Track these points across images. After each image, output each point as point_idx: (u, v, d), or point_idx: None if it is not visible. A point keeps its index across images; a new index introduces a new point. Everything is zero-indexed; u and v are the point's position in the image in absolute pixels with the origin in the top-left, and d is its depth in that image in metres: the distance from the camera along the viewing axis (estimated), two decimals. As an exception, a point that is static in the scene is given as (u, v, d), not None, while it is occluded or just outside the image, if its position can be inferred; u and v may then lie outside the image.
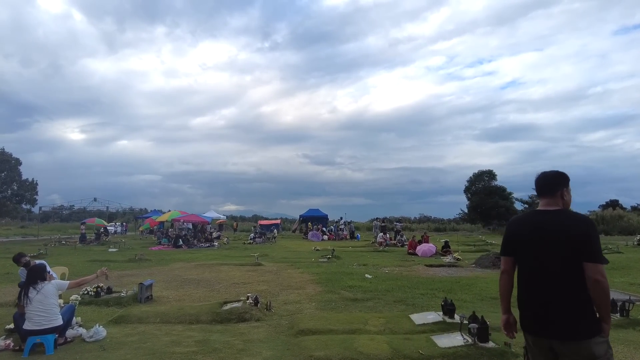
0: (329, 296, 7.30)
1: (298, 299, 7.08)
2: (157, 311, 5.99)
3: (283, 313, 6.10)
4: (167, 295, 7.80)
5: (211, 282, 9.26)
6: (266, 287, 8.30)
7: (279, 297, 7.38)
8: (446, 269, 12.09)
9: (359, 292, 7.66)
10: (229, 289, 8.32)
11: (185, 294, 7.81)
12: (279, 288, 8.28)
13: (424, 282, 8.80)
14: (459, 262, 13.79)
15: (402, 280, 9.13)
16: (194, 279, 9.81)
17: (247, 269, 11.92)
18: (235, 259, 15.28)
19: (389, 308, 6.35)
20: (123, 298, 6.96)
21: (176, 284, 9.09)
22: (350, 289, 8.00)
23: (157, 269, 12.30)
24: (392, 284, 8.65)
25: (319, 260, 14.74)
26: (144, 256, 15.35)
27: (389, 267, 12.29)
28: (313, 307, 6.49)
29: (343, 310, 6.28)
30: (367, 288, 8.09)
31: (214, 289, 8.36)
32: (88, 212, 53.33)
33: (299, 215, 38.33)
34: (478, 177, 50.87)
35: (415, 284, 8.61)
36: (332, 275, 10.13)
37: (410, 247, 17.33)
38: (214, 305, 6.16)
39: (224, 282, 9.20)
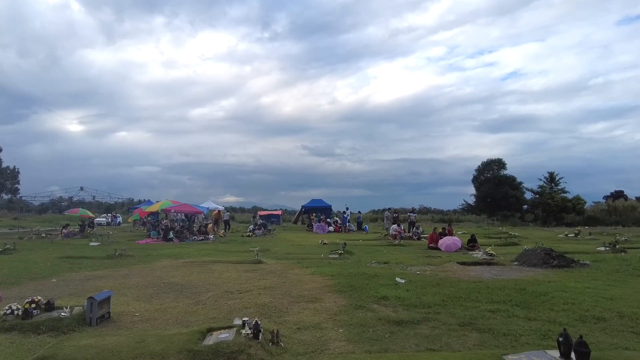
0: (360, 315, 5.15)
1: (317, 321, 4.93)
2: (103, 347, 3.84)
3: (298, 350, 3.95)
4: (134, 310, 5.65)
5: (198, 289, 7.12)
6: (270, 299, 6.15)
7: (289, 316, 5.23)
8: (486, 268, 9.96)
9: (399, 308, 5.51)
10: (219, 301, 6.16)
11: (159, 310, 5.66)
12: (287, 300, 6.13)
13: (478, 290, 6.66)
14: (494, 258, 11.67)
15: (447, 287, 6.99)
16: (177, 284, 7.67)
17: (245, 269, 9.79)
18: (231, 255, 13.15)
19: (457, 339, 4.19)
20: (64, 320, 4.80)
21: (152, 292, 6.95)
22: (385, 302, 5.85)
23: (137, 268, 10.17)
24: (437, 292, 6.51)
25: (329, 256, 12.62)
26: (126, 252, 13.20)
27: (417, 266, 10.16)
28: (342, 337, 4.33)
29: (390, 343, 4.12)
30: (408, 300, 5.94)
31: (199, 300, 6.20)
32: (87, 203, 51.26)
33: (301, 206, 36.16)
34: (487, 166, 48.78)
35: (469, 292, 6.47)
36: (352, 278, 7.99)
37: (432, 240, 15.22)
38: (191, 338, 4.00)
39: (215, 289, 7.06)
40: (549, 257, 9.83)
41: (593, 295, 6.12)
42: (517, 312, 5.16)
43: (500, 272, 9.07)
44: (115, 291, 7.04)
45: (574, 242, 17.03)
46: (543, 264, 9.63)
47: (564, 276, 8.07)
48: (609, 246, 13.72)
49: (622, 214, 39.54)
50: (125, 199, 44.50)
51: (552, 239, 19.43)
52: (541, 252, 10.16)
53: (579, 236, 20.06)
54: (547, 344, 3.92)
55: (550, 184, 45.16)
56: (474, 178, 48.95)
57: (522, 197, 45.01)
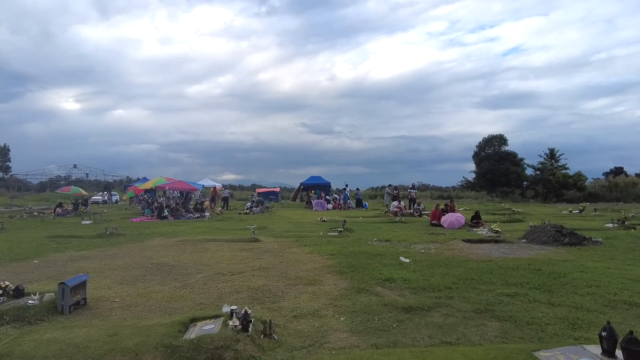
0: (363, 300, 4.65)
1: (315, 307, 4.42)
2: (69, 341, 3.32)
3: (294, 344, 3.44)
4: (115, 295, 5.14)
5: (187, 271, 6.61)
6: (264, 282, 5.64)
7: (285, 301, 4.72)
8: (493, 246, 9.49)
9: (406, 292, 5.01)
10: (209, 284, 5.65)
11: (142, 294, 5.15)
12: (283, 282, 5.62)
13: (490, 271, 6.16)
14: (500, 236, 11.21)
15: (455, 267, 6.50)
16: (166, 265, 7.17)
17: (240, 248, 9.30)
18: (227, 233, 12.67)
19: (475, 329, 3.69)
20: (31, 308, 4.28)
21: (138, 274, 6.44)
22: (390, 285, 5.35)
23: (126, 247, 9.67)
24: (446, 273, 6.01)
25: (328, 233, 12.16)
26: (116, 230, 12.71)
27: (420, 244, 9.69)
28: (344, 327, 3.83)
29: (399, 334, 3.61)
30: (415, 282, 5.44)
31: (187, 284, 5.69)
32: (85, 181, 50.52)
33: (300, 183, 35.61)
34: (488, 143, 47.98)
35: (481, 273, 5.97)
36: (353, 257, 7.50)
37: (434, 217, 14.74)
38: (171, 330, 3.48)
39: (206, 271, 6.55)
40: (560, 234, 9.35)
41: (616, 276, 5.63)
42: (538, 296, 4.66)
43: (510, 251, 8.60)
44: (99, 273, 6.55)
45: (579, 219, 16.61)
46: (554, 242, 9.16)
47: (578, 255, 7.59)
48: (617, 223, 13.28)
49: (623, 190, 39.22)
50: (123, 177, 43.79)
51: (557, 215, 19.01)
52: (551, 229, 9.67)
53: (584, 212, 19.64)
54: (579, 335, 3.43)
55: (551, 160, 44.59)
56: (475, 154, 48.20)
57: (523, 174, 44.48)
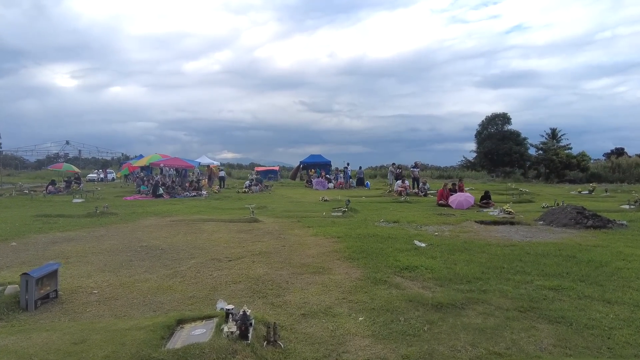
0: (383, 294, 3.97)
1: (327, 303, 3.74)
2: (21, 351, 2.64)
3: (306, 354, 2.75)
4: (94, 285, 4.46)
5: (180, 255, 5.93)
6: (265, 270, 4.96)
7: (290, 294, 4.05)
8: (510, 228, 8.84)
9: (430, 282, 4.34)
10: (202, 272, 4.97)
11: (125, 284, 4.47)
12: (287, 271, 4.95)
13: (518, 257, 5.50)
14: (515, 217, 10.57)
15: (477, 252, 5.84)
16: (156, 248, 6.49)
17: (239, 229, 8.63)
18: (224, 213, 11.99)
19: (526, 334, 3.02)
20: (-11, 303, 3.59)
21: (124, 259, 5.76)
22: (410, 274, 4.67)
23: (116, 228, 8.99)
24: (470, 260, 5.35)
25: (331, 214, 11.49)
26: (107, 209, 12.00)
27: (432, 226, 9.03)
28: (364, 330, 3.15)
29: (433, 340, 2.93)
30: (437, 271, 4.77)
31: (177, 271, 5.00)
32: (81, 159, 49.43)
33: (299, 162, 34.80)
34: (491, 121, 46.95)
35: (509, 260, 5.30)
36: (363, 240, 6.83)
37: (441, 197, 14.07)
38: (151, 336, 2.80)
39: (200, 256, 5.87)
40: (582, 216, 8.69)
41: (665, 265, 4.98)
42: (586, 290, 4.00)
43: (530, 234, 7.95)
44: (81, 258, 5.87)
45: (590, 200, 15.98)
46: (575, 224, 8.50)
47: (608, 239, 6.94)
48: (634, 204, 12.64)
49: (626, 171, 38.78)
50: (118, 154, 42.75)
51: (566, 195, 18.38)
52: (572, 211, 9.00)
53: (593, 193, 19.02)
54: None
55: (552, 140, 43.81)
56: (477, 133, 47.24)
57: (526, 153, 43.72)
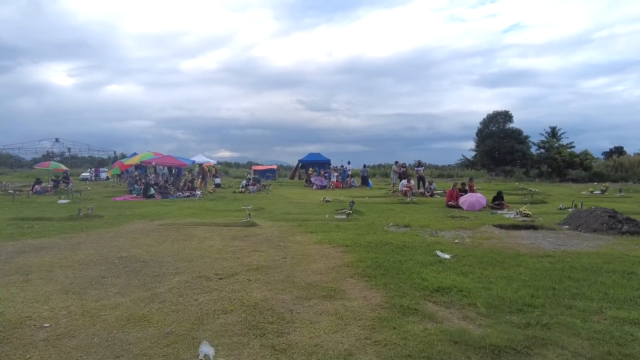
0: (415, 329, 3.08)
1: (346, 346, 2.83)
2: None
3: None
4: (48, 313, 3.53)
5: (162, 270, 5.01)
6: (264, 292, 4.04)
7: (296, 332, 3.13)
8: (535, 234, 7.98)
9: (471, 310, 3.46)
10: (186, 294, 4.05)
11: (89, 312, 3.55)
12: (290, 293, 4.04)
13: (567, 274, 4.62)
14: (535, 220, 9.72)
15: (513, 266, 4.96)
16: (137, 260, 5.57)
17: (234, 235, 7.72)
18: (219, 215, 11.07)
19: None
20: None
21: (96, 275, 4.83)
22: (444, 299, 3.78)
23: (97, 233, 8.06)
24: (507, 277, 4.46)
25: (334, 216, 10.60)
26: (92, 211, 11.06)
27: (448, 231, 8.16)
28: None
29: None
30: (475, 293, 3.88)
31: (156, 294, 4.08)
32: (80, 158, 48.33)
33: (298, 160, 33.87)
34: (492, 119, 46.21)
35: (557, 278, 4.42)
36: (375, 250, 5.94)
37: (451, 197, 13.22)
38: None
39: (186, 271, 4.96)
40: (615, 220, 7.84)
41: None
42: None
43: (560, 240, 7.08)
44: (46, 273, 4.94)
45: (607, 200, 15.17)
46: (608, 230, 7.65)
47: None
48: (658, 205, 11.87)
49: (629, 169, 38.31)
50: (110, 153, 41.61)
51: (577, 196, 17.58)
52: (602, 214, 8.15)
53: (606, 193, 18.24)
54: None
55: (553, 138, 43.19)
56: (479, 131, 46.48)
57: (528, 152, 43.01)
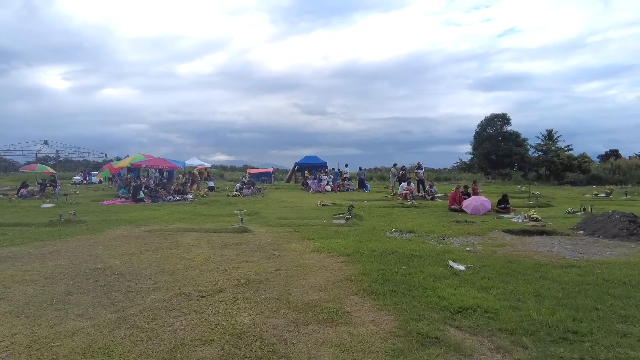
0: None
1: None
2: None
3: None
4: (-10, 344, 2.89)
5: (138, 285, 4.37)
6: (253, 316, 3.40)
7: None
8: (549, 240, 7.40)
9: (503, 338, 2.85)
10: (160, 318, 3.41)
11: (37, 342, 2.90)
12: (284, 316, 3.41)
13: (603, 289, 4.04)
14: (545, 225, 9.15)
15: (537, 279, 4.37)
16: (112, 273, 4.91)
17: (224, 242, 7.08)
18: (210, 220, 10.42)
19: None
20: None
21: (60, 291, 4.18)
22: (467, 321, 3.17)
23: (75, 241, 7.38)
24: (536, 293, 3.87)
25: (333, 221, 9.98)
26: (75, 216, 10.39)
27: (455, 237, 7.57)
28: None
29: None
30: (504, 315, 3.28)
31: (124, 317, 3.44)
32: (75, 161, 47.42)
33: (294, 163, 33.22)
34: (490, 122, 45.91)
35: (595, 295, 3.83)
36: (380, 260, 5.33)
37: (454, 201, 12.65)
38: None
39: (164, 287, 4.31)
40: (636, 225, 7.29)
41: None
42: None
43: (579, 248, 6.50)
44: (3, 289, 4.28)
45: (614, 204, 14.65)
46: (629, 235, 7.09)
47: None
48: (670, 208, 11.35)
49: (626, 172, 38.19)
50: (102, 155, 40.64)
51: (581, 199, 17.11)
52: (622, 219, 7.59)
53: (612, 196, 17.75)
54: None
55: (549, 141, 43.00)
56: (476, 134, 46.15)
57: (526, 155, 42.69)
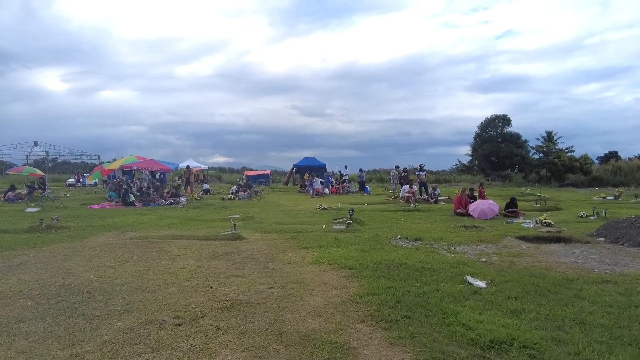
0: None
1: None
2: None
3: None
4: None
5: (107, 307, 3.71)
6: (236, 355, 2.74)
7: None
8: (569, 248, 6.78)
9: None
10: (120, 356, 2.76)
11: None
12: (274, 352, 2.75)
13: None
14: (560, 231, 8.53)
15: (573, 299, 3.74)
16: (79, 290, 4.26)
17: (213, 251, 6.43)
18: (201, 226, 9.76)
19: None
20: None
21: (9, 317, 3.52)
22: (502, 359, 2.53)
23: (51, 250, 6.72)
24: (578, 319, 3.24)
25: (333, 227, 9.35)
26: (57, 222, 9.70)
27: (467, 246, 6.94)
28: None
29: None
30: (549, 354, 2.63)
31: (77, 354, 2.78)
32: (72, 164, 46.58)
33: (292, 165, 32.59)
34: (490, 123, 45.34)
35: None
36: (388, 275, 4.69)
37: (459, 204, 12.04)
38: None
39: (136, 309, 3.66)
40: (664, 232, 6.67)
41: None
42: None
43: (606, 258, 5.88)
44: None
45: (625, 207, 14.07)
46: (657, 243, 6.48)
47: None
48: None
49: (628, 174, 37.76)
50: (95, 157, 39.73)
51: (589, 201, 16.53)
52: (648, 225, 6.98)
53: (621, 198, 17.16)
54: None
55: (549, 143, 42.51)
56: (476, 135, 45.58)
57: (527, 156, 42.14)
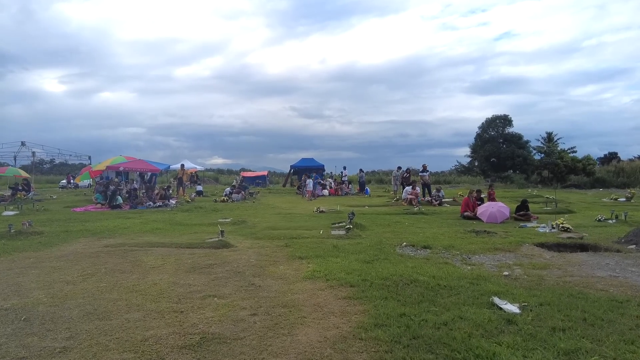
0: None
1: None
2: None
3: None
4: None
5: (41, 342, 2.87)
6: None
7: None
8: (601, 258, 5.97)
9: None
10: None
11: None
12: None
13: None
14: (583, 237, 7.73)
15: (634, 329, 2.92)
16: (17, 315, 3.43)
17: (194, 263, 5.60)
18: (187, 231, 8.92)
19: None
20: None
21: None
22: None
23: (9, 261, 5.91)
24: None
25: (331, 232, 8.54)
26: (30, 226, 8.88)
27: (482, 255, 6.13)
28: None
29: None
30: None
31: None
32: (70, 165, 45.71)
33: (290, 166, 31.73)
34: (491, 123, 44.60)
35: None
36: (397, 295, 3.88)
37: (467, 207, 11.25)
38: None
39: (75, 348, 2.81)
40: None
41: None
42: None
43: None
44: None
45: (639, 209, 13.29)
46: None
47: None
48: None
49: (631, 175, 37.16)
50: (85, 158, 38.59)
51: (599, 203, 15.76)
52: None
53: (632, 200, 16.39)
54: None
55: (549, 144, 41.84)
56: (477, 136, 44.84)
57: (529, 157, 41.41)
